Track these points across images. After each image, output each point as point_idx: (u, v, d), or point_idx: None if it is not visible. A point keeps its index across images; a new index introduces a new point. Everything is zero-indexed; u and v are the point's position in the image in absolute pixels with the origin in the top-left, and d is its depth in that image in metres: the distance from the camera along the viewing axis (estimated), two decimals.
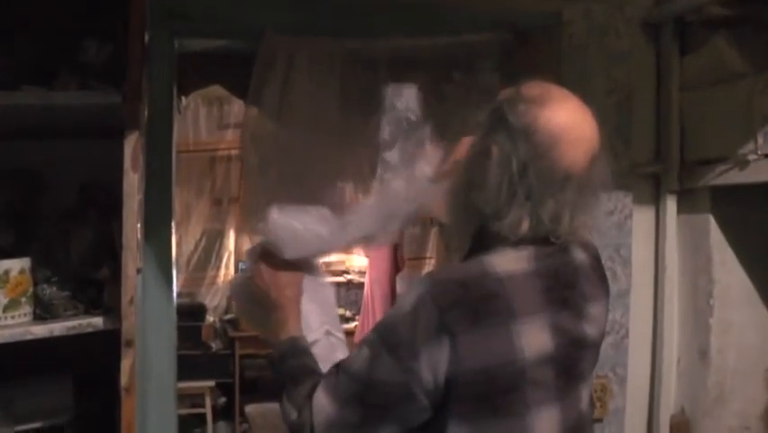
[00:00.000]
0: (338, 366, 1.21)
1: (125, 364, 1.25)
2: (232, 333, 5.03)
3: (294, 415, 1.22)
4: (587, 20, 2.26)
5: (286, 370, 1.29)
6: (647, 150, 2.35)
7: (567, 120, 1.17)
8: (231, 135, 5.33)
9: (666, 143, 2.33)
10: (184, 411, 4.82)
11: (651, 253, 2.36)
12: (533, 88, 1.20)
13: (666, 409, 2.36)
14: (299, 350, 1.32)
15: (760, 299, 2.30)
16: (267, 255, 1.36)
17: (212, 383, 4.79)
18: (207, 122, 5.36)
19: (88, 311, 1.44)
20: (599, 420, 2.28)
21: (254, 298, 1.38)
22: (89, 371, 1.54)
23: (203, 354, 4.87)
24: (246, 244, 4.76)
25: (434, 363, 1.11)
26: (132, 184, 1.29)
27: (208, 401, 4.73)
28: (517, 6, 2.18)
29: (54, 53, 1.55)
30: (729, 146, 2.12)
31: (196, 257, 5.38)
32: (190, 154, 5.29)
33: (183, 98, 2.44)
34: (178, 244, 5.29)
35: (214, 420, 4.85)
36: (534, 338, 1.15)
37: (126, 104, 1.35)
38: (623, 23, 2.30)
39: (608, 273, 2.23)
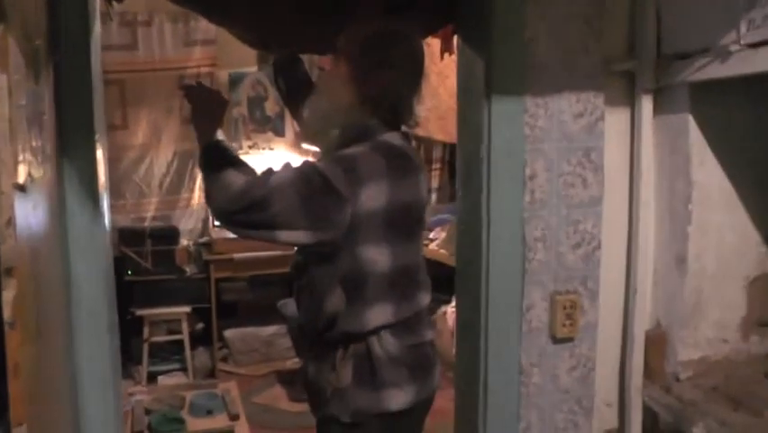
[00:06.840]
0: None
1: (7, 296, 1.09)
2: (207, 256, 4.89)
3: (240, 180, 1.54)
4: None
5: (225, 154, 1.61)
6: (620, 45, 2.14)
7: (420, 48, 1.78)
8: (199, 52, 5.08)
9: (641, 36, 2.12)
10: (161, 338, 4.74)
11: (625, 158, 2.19)
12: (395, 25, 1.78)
13: (641, 323, 2.23)
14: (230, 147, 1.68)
15: (740, 201, 2.15)
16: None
17: (188, 309, 4.68)
18: (173, 39, 5.08)
19: None
20: (570, 339, 2.13)
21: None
22: None
23: (177, 278, 4.74)
24: None
25: (371, 195, 1.59)
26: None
27: (185, 327, 4.63)
28: None
29: None
30: (709, 37, 1.92)
31: (168, 180, 5.17)
32: (157, 73, 5.04)
33: (115, 4, 2.19)
34: (149, 167, 5.14)
35: (193, 346, 4.76)
36: (424, 188, 1.77)
37: None
38: None
39: (577, 180, 2.08)
